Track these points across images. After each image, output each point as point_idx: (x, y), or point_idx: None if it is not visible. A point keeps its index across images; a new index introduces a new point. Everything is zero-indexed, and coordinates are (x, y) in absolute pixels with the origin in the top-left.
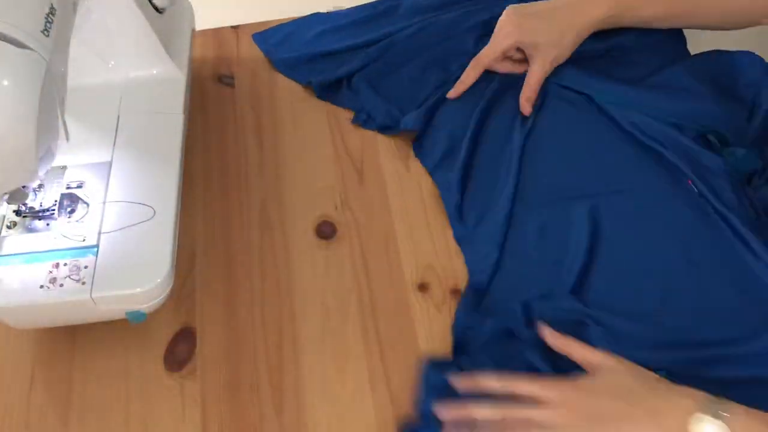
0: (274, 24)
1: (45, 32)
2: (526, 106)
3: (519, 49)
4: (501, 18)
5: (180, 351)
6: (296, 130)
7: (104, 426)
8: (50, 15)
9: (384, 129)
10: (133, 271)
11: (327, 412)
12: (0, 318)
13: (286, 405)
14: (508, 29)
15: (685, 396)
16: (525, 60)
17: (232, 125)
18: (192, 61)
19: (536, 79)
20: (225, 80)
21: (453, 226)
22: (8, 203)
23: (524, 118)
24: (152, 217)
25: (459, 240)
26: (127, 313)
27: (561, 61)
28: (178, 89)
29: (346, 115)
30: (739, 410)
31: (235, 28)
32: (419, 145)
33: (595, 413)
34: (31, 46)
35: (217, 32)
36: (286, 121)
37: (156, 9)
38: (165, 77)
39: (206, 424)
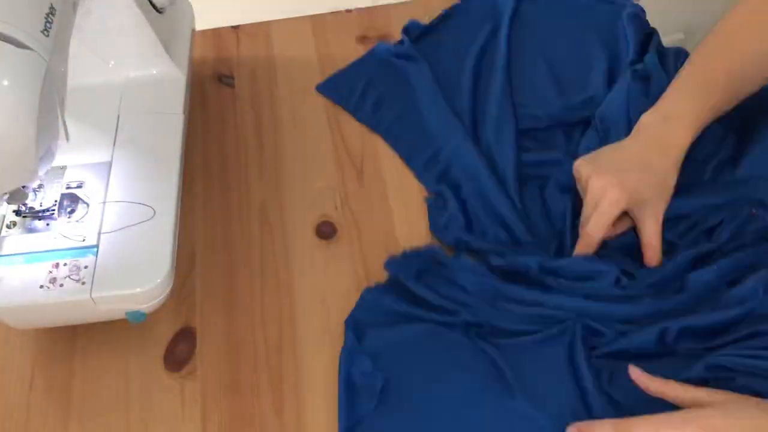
0: (273, 24)
1: (45, 32)
2: (653, 261)
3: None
4: (594, 181)
5: (180, 351)
6: (296, 130)
7: (104, 426)
8: (50, 15)
9: None
10: (133, 271)
11: (327, 412)
12: (0, 318)
13: (286, 405)
14: (615, 196)
15: None
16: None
17: (232, 125)
18: (192, 61)
19: (657, 240)
20: (225, 80)
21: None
22: (8, 203)
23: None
24: (152, 217)
25: None
26: (127, 313)
27: (666, 205)
28: (178, 89)
29: (346, 116)
30: None
31: (235, 28)
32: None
33: None
34: (31, 46)
35: (217, 32)
36: (286, 121)
37: (156, 9)
38: (165, 77)
39: (206, 424)
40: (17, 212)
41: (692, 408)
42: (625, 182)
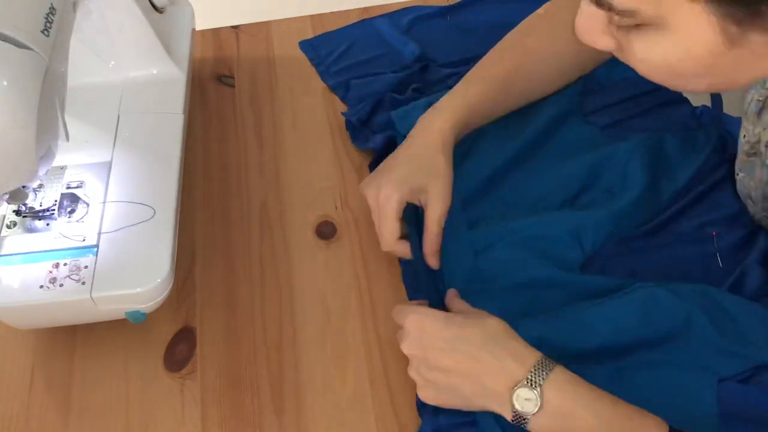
0: (273, 24)
1: (45, 32)
2: (432, 260)
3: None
4: (368, 191)
5: (180, 351)
6: (296, 130)
7: (104, 426)
8: (50, 15)
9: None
10: (133, 271)
11: (327, 412)
12: (0, 318)
13: (286, 405)
14: (385, 192)
15: (518, 360)
16: None
17: (232, 125)
18: (192, 61)
19: (437, 227)
20: (225, 80)
21: None
22: (8, 203)
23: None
24: (152, 217)
25: None
26: (126, 313)
27: (452, 187)
28: (178, 89)
29: None
30: (560, 378)
31: (235, 28)
32: None
33: (433, 358)
34: (31, 46)
35: (217, 32)
36: (286, 121)
37: (156, 9)
38: (165, 77)
39: (206, 424)
40: (17, 212)
41: (420, 309)
42: (392, 176)
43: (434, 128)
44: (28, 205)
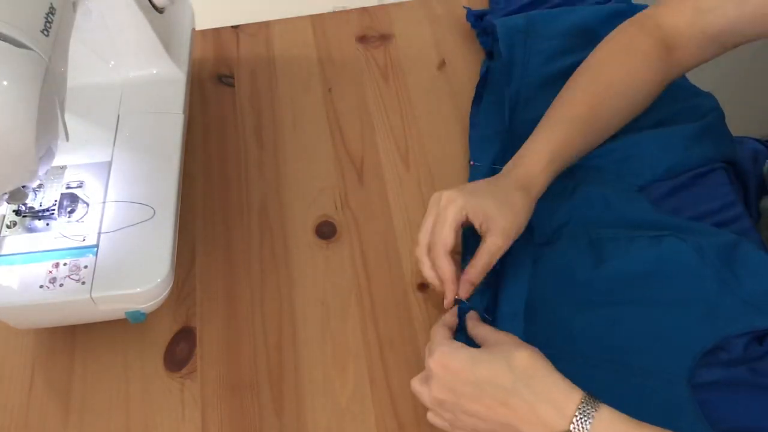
0: (273, 24)
1: (45, 32)
2: (464, 288)
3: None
4: (442, 195)
5: (180, 351)
6: (296, 130)
7: (104, 426)
8: (50, 15)
9: None
10: (133, 271)
11: (327, 412)
12: (0, 318)
13: (286, 405)
14: (450, 195)
15: (556, 407)
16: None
17: (232, 125)
18: (192, 61)
19: (488, 259)
20: (225, 80)
21: None
22: (8, 203)
23: None
24: (152, 217)
25: None
26: (126, 313)
27: (521, 232)
28: (178, 89)
29: (346, 116)
30: (606, 421)
31: (235, 28)
32: None
33: (466, 404)
34: (31, 46)
35: (217, 32)
36: (286, 121)
37: (156, 9)
38: (165, 77)
39: (206, 424)
40: (17, 212)
41: (444, 343)
42: (464, 187)
43: (519, 172)
44: (28, 205)
